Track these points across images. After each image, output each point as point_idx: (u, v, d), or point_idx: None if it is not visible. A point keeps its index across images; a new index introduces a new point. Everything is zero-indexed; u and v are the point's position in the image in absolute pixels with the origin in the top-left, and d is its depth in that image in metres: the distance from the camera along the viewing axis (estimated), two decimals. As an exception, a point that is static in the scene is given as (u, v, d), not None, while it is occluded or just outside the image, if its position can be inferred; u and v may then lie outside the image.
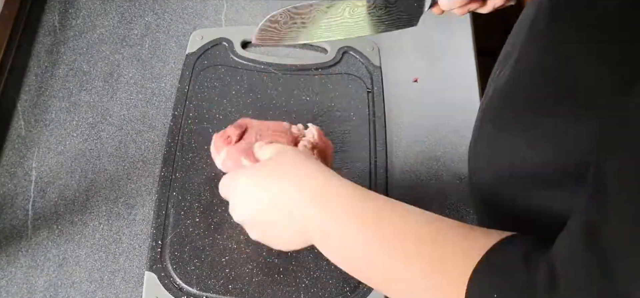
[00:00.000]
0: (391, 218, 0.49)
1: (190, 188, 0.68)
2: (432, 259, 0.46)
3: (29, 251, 0.64)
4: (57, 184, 0.69)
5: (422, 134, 0.76)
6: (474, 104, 0.78)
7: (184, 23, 0.84)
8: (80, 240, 0.66)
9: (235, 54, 0.79)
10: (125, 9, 0.85)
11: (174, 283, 0.62)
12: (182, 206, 0.67)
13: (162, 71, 0.79)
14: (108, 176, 0.70)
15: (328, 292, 0.63)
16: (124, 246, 0.66)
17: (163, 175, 0.69)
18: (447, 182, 0.72)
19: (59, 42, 0.80)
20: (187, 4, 0.86)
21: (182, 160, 0.70)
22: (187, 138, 0.72)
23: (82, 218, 0.67)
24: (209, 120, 0.73)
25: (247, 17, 0.85)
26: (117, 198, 0.69)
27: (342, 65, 0.80)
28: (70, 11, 0.84)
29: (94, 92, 0.76)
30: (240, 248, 0.65)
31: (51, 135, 0.72)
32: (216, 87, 0.76)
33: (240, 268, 0.63)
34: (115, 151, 0.72)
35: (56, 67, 0.78)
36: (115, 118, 0.74)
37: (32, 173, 0.70)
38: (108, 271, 0.64)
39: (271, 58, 0.80)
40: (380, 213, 0.49)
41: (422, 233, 0.47)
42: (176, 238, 0.65)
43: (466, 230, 0.47)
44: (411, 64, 0.82)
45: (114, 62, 0.79)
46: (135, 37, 0.82)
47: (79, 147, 0.72)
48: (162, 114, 0.75)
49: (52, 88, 0.76)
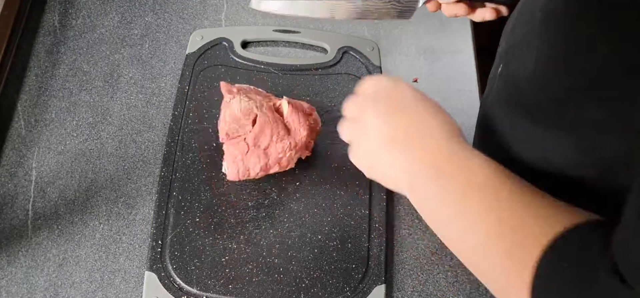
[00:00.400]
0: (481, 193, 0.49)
1: (190, 188, 0.68)
2: (512, 231, 0.46)
3: (29, 251, 0.64)
4: (57, 184, 0.69)
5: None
6: (474, 104, 0.78)
7: (184, 23, 0.84)
8: (80, 240, 0.66)
9: (235, 54, 0.79)
10: (125, 9, 0.85)
11: (174, 283, 0.62)
12: (182, 206, 0.67)
13: (162, 71, 0.79)
14: (108, 176, 0.70)
15: (328, 292, 0.63)
16: (124, 246, 0.66)
17: (163, 175, 0.69)
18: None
19: (59, 42, 0.81)
20: (187, 4, 0.86)
21: (182, 160, 0.70)
22: (187, 138, 0.72)
23: (82, 218, 0.67)
24: (209, 120, 0.73)
25: (247, 17, 0.85)
26: (117, 198, 0.69)
27: (342, 65, 0.80)
28: (70, 11, 0.84)
29: (94, 92, 0.76)
30: (240, 248, 0.65)
31: (51, 135, 0.72)
32: (216, 87, 0.76)
33: (240, 268, 0.63)
34: (115, 151, 0.72)
35: (56, 67, 0.78)
36: (115, 118, 0.74)
37: (32, 173, 0.70)
38: (108, 271, 0.64)
39: (271, 58, 0.80)
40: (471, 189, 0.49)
41: (505, 213, 0.47)
42: (176, 238, 0.65)
43: (550, 203, 0.47)
44: (411, 64, 0.82)
45: (114, 62, 0.79)
46: (135, 37, 0.82)
47: (79, 147, 0.72)
48: (162, 114, 0.75)
49: (52, 88, 0.76)
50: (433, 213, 0.52)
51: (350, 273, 0.64)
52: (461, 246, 0.51)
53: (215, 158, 0.70)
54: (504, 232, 0.46)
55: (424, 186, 0.52)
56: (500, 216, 0.47)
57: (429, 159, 0.52)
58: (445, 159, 0.51)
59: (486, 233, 0.47)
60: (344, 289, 0.63)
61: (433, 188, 0.51)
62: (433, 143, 0.53)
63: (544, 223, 0.44)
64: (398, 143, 0.54)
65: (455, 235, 0.51)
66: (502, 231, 0.46)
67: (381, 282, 0.64)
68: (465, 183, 0.50)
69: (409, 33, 0.85)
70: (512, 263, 0.45)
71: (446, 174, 0.51)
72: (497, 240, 0.47)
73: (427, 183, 0.52)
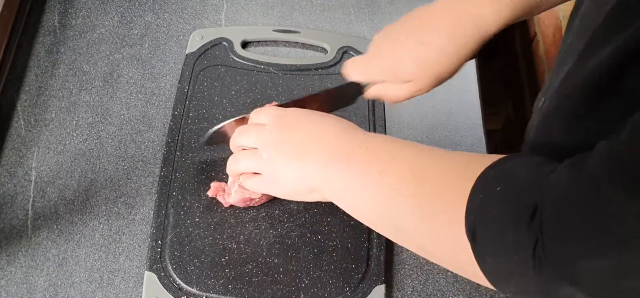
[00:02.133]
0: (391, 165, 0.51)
1: (190, 188, 0.68)
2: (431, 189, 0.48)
3: (29, 251, 0.64)
4: (57, 184, 0.69)
5: (422, 134, 0.76)
6: (474, 104, 0.78)
7: (184, 23, 0.84)
8: (80, 240, 0.66)
9: (235, 54, 0.79)
10: (125, 9, 0.85)
11: (174, 283, 0.62)
12: (182, 206, 0.67)
13: (162, 71, 0.79)
14: (108, 176, 0.70)
15: (328, 292, 0.63)
16: (123, 246, 0.66)
17: (163, 175, 0.69)
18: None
19: (59, 42, 0.81)
20: (187, 4, 0.86)
21: (182, 160, 0.70)
22: (187, 138, 0.72)
23: (82, 218, 0.67)
24: (209, 120, 0.73)
25: (247, 17, 0.85)
26: (117, 198, 0.69)
27: (341, 65, 0.80)
28: (70, 11, 0.84)
29: (94, 92, 0.76)
30: (240, 248, 0.65)
31: (51, 135, 0.72)
32: (216, 87, 0.76)
33: (240, 268, 0.63)
34: (115, 151, 0.72)
35: (56, 67, 0.78)
36: (115, 118, 0.74)
37: (32, 173, 0.70)
38: (108, 271, 0.64)
39: (271, 58, 0.80)
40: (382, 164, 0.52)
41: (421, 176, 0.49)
42: (176, 238, 0.65)
43: (466, 155, 0.49)
44: (411, 64, 0.82)
45: (114, 62, 0.79)
46: (135, 37, 0.82)
47: (79, 147, 0.72)
48: (162, 114, 0.75)
49: (52, 88, 0.76)
50: (354, 200, 0.55)
51: (350, 273, 0.64)
52: (387, 223, 0.53)
53: (215, 158, 0.70)
54: (424, 191, 0.48)
55: (338, 179, 0.55)
56: (418, 179, 0.49)
57: (338, 153, 0.55)
58: (355, 148, 0.54)
59: (408, 198, 0.49)
60: (344, 289, 0.63)
61: (348, 176, 0.54)
62: (337, 140, 0.56)
63: (463, 170, 0.46)
64: (302, 155, 0.58)
65: (379, 214, 0.53)
66: (422, 191, 0.48)
67: (381, 282, 0.64)
68: (378, 162, 0.52)
69: (409, 33, 0.85)
70: (441, 205, 0.46)
71: (358, 160, 0.53)
72: (421, 199, 0.48)
73: (341, 174, 0.54)
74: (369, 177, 0.53)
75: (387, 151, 0.53)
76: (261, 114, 0.63)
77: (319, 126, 0.59)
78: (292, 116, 0.61)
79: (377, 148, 0.54)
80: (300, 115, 0.61)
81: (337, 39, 0.82)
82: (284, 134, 0.59)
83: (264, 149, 0.60)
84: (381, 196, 0.52)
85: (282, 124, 0.60)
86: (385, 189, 0.51)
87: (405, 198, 0.49)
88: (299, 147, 0.58)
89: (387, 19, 0.86)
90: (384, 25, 0.86)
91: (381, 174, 0.51)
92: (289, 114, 0.61)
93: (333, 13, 0.86)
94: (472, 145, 0.75)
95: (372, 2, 0.88)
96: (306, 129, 0.59)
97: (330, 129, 0.58)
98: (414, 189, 0.49)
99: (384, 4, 0.88)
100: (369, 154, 0.54)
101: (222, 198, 0.66)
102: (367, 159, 0.53)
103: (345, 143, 0.56)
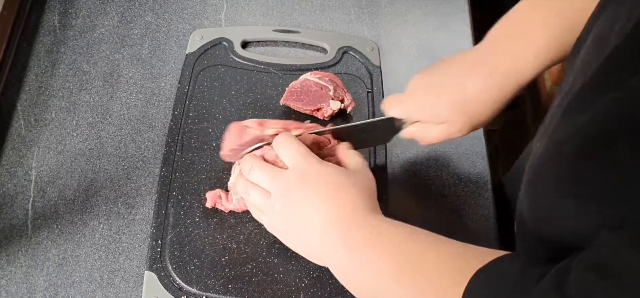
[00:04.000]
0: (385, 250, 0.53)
1: (190, 188, 0.68)
2: (427, 280, 0.50)
3: (29, 251, 0.64)
4: (57, 184, 0.69)
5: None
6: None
7: (184, 23, 0.84)
8: (80, 240, 0.66)
9: (235, 54, 0.79)
10: (125, 9, 0.85)
11: (173, 282, 0.62)
12: (182, 206, 0.67)
13: (162, 70, 0.79)
14: (108, 176, 0.70)
15: (328, 292, 0.63)
16: (123, 246, 0.66)
17: (163, 175, 0.69)
18: (446, 182, 0.73)
19: (59, 42, 0.81)
20: (187, 4, 0.86)
21: (182, 160, 0.70)
22: (187, 138, 0.72)
23: (82, 218, 0.67)
24: (209, 120, 0.73)
25: (247, 17, 0.85)
26: (117, 198, 0.69)
27: (342, 65, 0.80)
28: (70, 11, 0.84)
29: (94, 92, 0.76)
30: (240, 248, 0.65)
31: (51, 135, 0.72)
32: (216, 87, 0.76)
33: (240, 268, 0.63)
34: (115, 151, 0.72)
35: (56, 67, 0.78)
36: (115, 118, 0.74)
37: (32, 172, 0.70)
38: (108, 271, 0.64)
39: (271, 58, 0.80)
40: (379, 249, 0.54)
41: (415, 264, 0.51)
42: (176, 238, 0.65)
43: (460, 248, 0.50)
44: (411, 64, 0.82)
45: (114, 62, 0.79)
46: (135, 37, 0.82)
47: (79, 147, 0.72)
48: (162, 114, 0.75)
49: (52, 88, 0.76)
50: (353, 285, 0.56)
51: (350, 273, 0.64)
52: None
53: (215, 158, 0.70)
54: (416, 288, 0.50)
55: (340, 267, 0.56)
56: (413, 266, 0.51)
57: (343, 241, 0.55)
58: (360, 239, 0.55)
59: (404, 289, 0.51)
60: (344, 289, 0.63)
61: (350, 266, 0.55)
62: (347, 223, 0.56)
63: (457, 260, 0.48)
64: (309, 235, 0.58)
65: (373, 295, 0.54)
66: (414, 287, 0.50)
67: (381, 282, 0.64)
68: (378, 251, 0.53)
69: (409, 33, 0.85)
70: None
71: (361, 250, 0.54)
72: (416, 289, 0.50)
73: (343, 263, 0.56)
74: (368, 265, 0.54)
75: (391, 240, 0.54)
76: (285, 150, 0.59)
77: (334, 202, 0.56)
78: (313, 179, 0.57)
79: (380, 235, 0.54)
80: (321, 181, 0.57)
81: (337, 39, 0.82)
82: (297, 203, 0.57)
83: (276, 201, 0.58)
84: (375, 281, 0.53)
85: (300, 187, 0.57)
86: (382, 274, 0.53)
87: (401, 288, 0.51)
88: (307, 229, 0.57)
89: (387, 19, 0.87)
90: (384, 26, 0.86)
91: (379, 259, 0.53)
92: (311, 176, 0.57)
93: (333, 13, 0.87)
94: (471, 145, 0.75)
95: (372, 2, 0.88)
96: (320, 207, 0.56)
97: (346, 204, 0.56)
98: (408, 279, 0.51)
99: (384, 4, 0.88)
100: (372, 245, 0.54)
101: (221, 206, 0.66)
102: (369, 254, 0.54)
103: (356, 228, 0.55)
